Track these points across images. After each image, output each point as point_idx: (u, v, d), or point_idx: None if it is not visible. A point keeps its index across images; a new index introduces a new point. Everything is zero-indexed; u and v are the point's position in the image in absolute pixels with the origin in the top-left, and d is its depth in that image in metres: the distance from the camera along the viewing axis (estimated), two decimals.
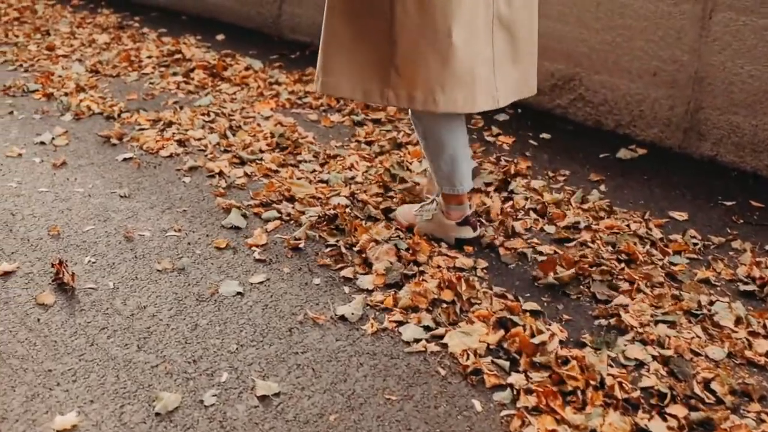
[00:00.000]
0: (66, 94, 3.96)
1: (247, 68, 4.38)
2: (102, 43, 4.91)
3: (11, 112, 3.78)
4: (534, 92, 2.34)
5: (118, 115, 3.72)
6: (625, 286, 2.36)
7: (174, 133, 3.42)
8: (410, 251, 2.49)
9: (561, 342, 2.07)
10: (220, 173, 3.05)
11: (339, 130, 3.56)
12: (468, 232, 2.51)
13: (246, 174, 3.07)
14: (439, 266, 2.45)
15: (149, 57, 4.60)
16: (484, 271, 2.45)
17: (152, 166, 3.17)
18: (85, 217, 2.74)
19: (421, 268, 2.42)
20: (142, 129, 3.55)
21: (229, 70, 4.34)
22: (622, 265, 2.47)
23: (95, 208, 2.80)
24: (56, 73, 4.29)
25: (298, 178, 3.01)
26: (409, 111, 2.33)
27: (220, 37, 5.13)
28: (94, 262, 2.45)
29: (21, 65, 4.54)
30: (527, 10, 2.20)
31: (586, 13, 3.52)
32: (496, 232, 2.66)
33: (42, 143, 3.40)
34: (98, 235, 2.61)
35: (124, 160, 3.24)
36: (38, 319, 2.14)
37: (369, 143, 3.41)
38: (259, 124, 3.52)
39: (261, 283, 2.36)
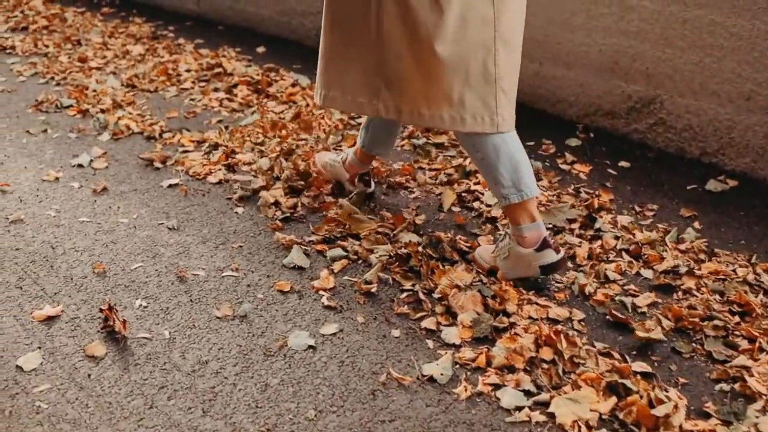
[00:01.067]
0: (102, 111, 3.78)
1: (293, 84, 4.17)
2: (136, 55, 4.74)
3: (45, 130, 3.61)
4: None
5: (160, 135, 3.54)
6: (744, 344, 2.14)
7: (221, 157, 3.21)
8: (497, 299, 2.27)
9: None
10: (276, 203, 2.85)
11: (400, 155, 3.35)
12: (551, 256, 2.28)
13: (303, 204, 2.86)
14: (531, 317, 2.22)
15: (188, 71, 4.42)
16: (582, 323, 2.23)
17: (200, 194, 2.97)
18: (132, 252, 2.54)
19: (512, 319, 2.20)
20: (186, 151, 3.36)
21: (275, 86, 4.15)
22: (737, 318, 2.23)
23: (142, 242, 2.60)
24: (90, 87, 4.12)
25: (358, 210, 2.79)
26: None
27: (260, 49, 4.95)
28: (145, 307, 2.25)
29: (52, 78, 4.37)
30: (520, 20, 2.18)
31: (670, 31, 3.29)
32: (587, 277, 2.43)
33: (80, 166, 3.22)
34: (148, 274, 2.41)
35: (170, 186, 3.05)
36: (89, 375, 1.95)
37: (434, 170, 3.19)
38: (312, 147, 3.31)
39: (334, 334, 2.15)
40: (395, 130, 2.69)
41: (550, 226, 2.74)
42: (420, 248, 2.54)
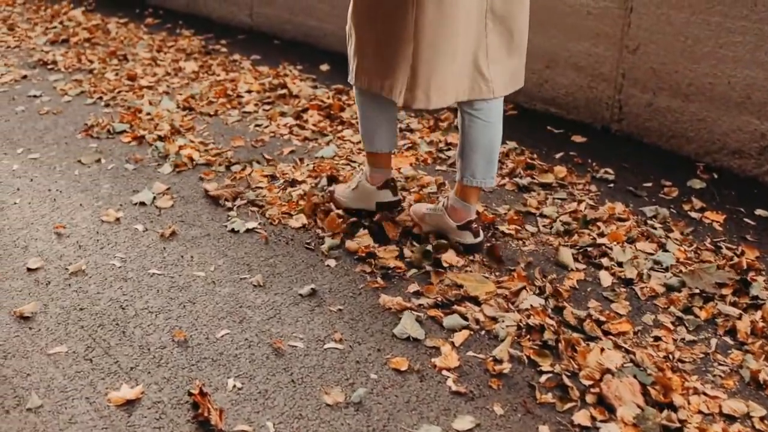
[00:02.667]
0: (160, 138, 3.52)
1: None
2: (190, 72, 4.48)
3: (98, 160, 3.34)
4: (521, 85, 2.56)
5: (227, 168, 3.25)
6: None
7: (301, 195, 2.93)
8: (659, 387, 1.95)
9: None
10: (372, 255, 2.54)
11: (502, 196, 3.04)
12: (388, 196, 2.80)
13: (402, 256, 2.55)
14: (701, 412, 1.89)
15: (248, 91, 4.15)
16: (765, 422, 1.89)
17: (283, 241, 2.68)
18: (215, 315, 2.25)
19: (681, 415, 1.88)
20: (260, 187, 3.06)
21: (347, 111, 3.85)
22: None
23: (224, 301, 2.32)
24: (144, 109, 3.84)
25: (468, 268, 2.49)
26: (354, 88, 2.62)
27: (324, 67, 4.67)
28: (240, 389, 1.96)
29: (101, 98, 4.12)
30: (520, 5, 2.39)
31: None
32: (756, 360, 2.11)
33: (141, 204, 2.95)
34: (237, 344, 2.12)
35: (247, 231, 2.75)
36: None
37: (544, 216, 2.87)
38: (403, 187, 3.01)
39: (471, 431, 1.83)
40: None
41: (697, 291, 2.42)
42: (549, 318, 2.23)
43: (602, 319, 2.30)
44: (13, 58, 4.87)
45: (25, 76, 4.53)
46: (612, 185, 3.20)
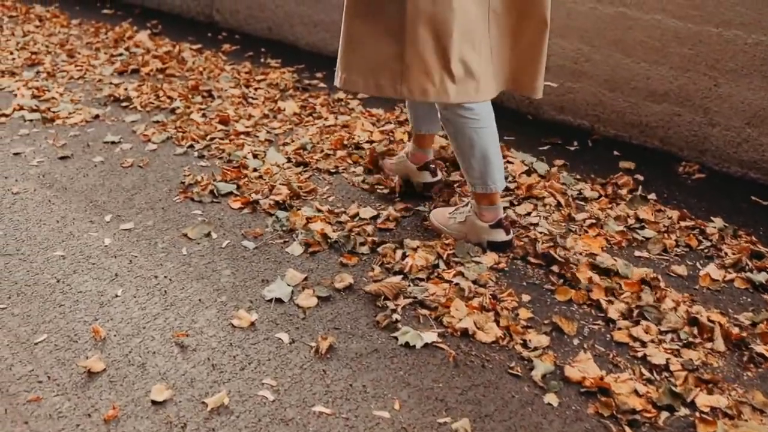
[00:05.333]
0: (279, 205, 2.99)
1: (528, 171, 3.32)
2: (291, 115, 3.96)
3: (208, 234, 2.82)
4: (540, 95, 2.64)
5: (373, 250, 2.70)
6: None
7: (489, 300, 2.42)
8: None
9: None
10: (604, 390, 1.99)
11: (736, 298, 2.50)
12: (500, 235, 2.75)
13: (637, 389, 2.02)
14: None
15: (369, 141, 3.60)
16: None
17: (477, 363, 2.18)
18: None
19: None
20: (420, 279, 2.53)
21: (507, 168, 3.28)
22: None
23: None
24: (248, 163, 3.34)
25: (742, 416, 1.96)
26: (439, 113, 2.71)
27: None
28: None
29: (192, 146, 3.61)
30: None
31: None
32: None
33: (278, 301, 2.41)
34: None
35: (426, 346, 2.19)
36: None
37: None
38: (613, 291, 2.46)
39: None
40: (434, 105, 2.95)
41: None
42: None
43: None
44: (78, 92, 4.39)
45: (97, 116, 4.05)
46: None
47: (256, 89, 4.45)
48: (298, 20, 5.20)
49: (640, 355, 2.27)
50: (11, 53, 5.13)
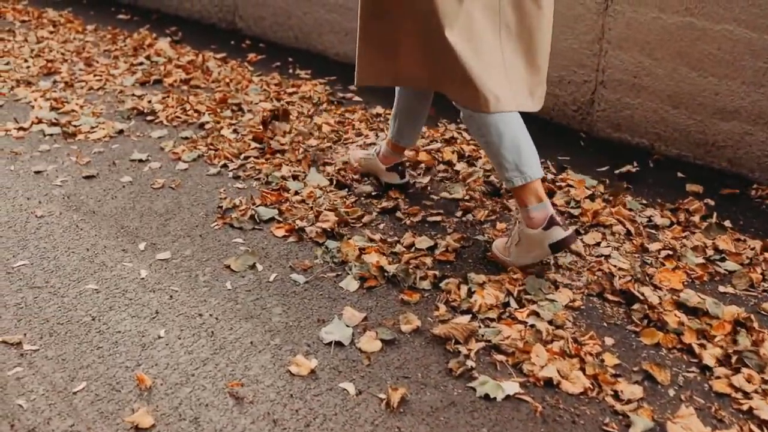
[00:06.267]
0: (328, 233, 2.81)
1: (591, 196, 3.13)
2: (329, 132, 3.77)
3: (253, 266, 2.63)
4: (540, 107, 2.66)
5: (435, 286, 2.52)
6: None
7: (573, 347, 2.24)
8: None
9: None
10: None
11: None
12: (560, 233, 2.54)
13: None
14: None
15: (415, 163, 3.42)
16: None
17: (567, 419, 2.01)
18: None
19: None
20: (491, 319, 2.35)
21: (559, 195, 3.12)
22: None
23: None
24: (288, 185, 3.17)
25: None
26: (461, 113, 2.66)
27: None
28: None
29: (225, 166, 3.42)
30: (539, 19, 2.53)
31: None
32: None
33: (338, 345, 2.22)
34: None
35: (507, 399, 2.00)
36: None
37: None
38: (704, 333, 2.28)
39: None
40: (421, 120, 3.10)
41: None
42: None
43: None
44: (100, 104, 4.21)
45: (121, 131, 3.86)
46: None
47: (288, 103, 4.25)
48: (327, 28, 5.01)
49: (745, 408, 2.07)
50: (25, 61, 4.95)
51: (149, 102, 4.25)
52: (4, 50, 5.16)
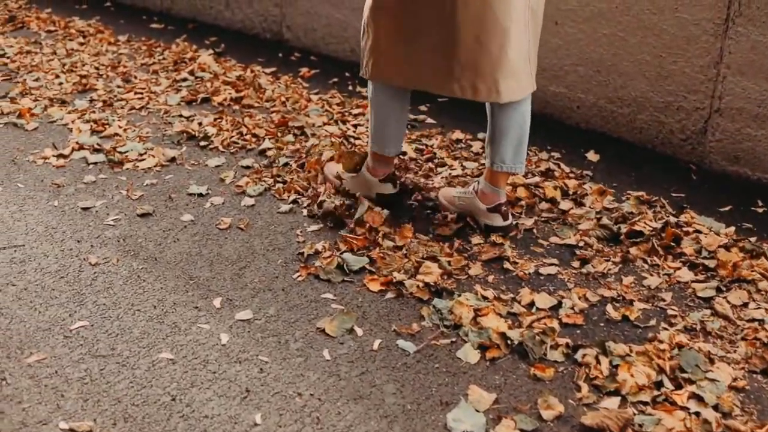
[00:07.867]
0: (432, 289, 2.48)
1: (726, 246, 2.79)
2: (407, 159, 3.42)
3: (351, 330, 2.37)
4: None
5: (566, 356, 2.20)
6: None
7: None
8: None
9: None
10: None
11: None
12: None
13: None
14: None
15: (515, 200, 3.09)
16: None
17: None
18: None
19: None
20: (643, 402, 2.06)
21: (686, 242, 2.78)
22: None
23: None
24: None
25: None
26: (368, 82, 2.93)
27: (592, 156, 3.59)
28: None
29: (296, 201, 3.11)
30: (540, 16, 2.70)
31: None
32: None
33: None
34: None
35: None
36: None
37: None
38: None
39: None
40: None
41: None
42: None
43: None
44: (145, 127, 3.89)
45: (173, 159, 3.53)
46: None
47: (355, 126, 3.92)
48: None
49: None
50: (57, 77, 4.64)
51: (200, 125, 3.93)
52: (32, 64, 4.85)
